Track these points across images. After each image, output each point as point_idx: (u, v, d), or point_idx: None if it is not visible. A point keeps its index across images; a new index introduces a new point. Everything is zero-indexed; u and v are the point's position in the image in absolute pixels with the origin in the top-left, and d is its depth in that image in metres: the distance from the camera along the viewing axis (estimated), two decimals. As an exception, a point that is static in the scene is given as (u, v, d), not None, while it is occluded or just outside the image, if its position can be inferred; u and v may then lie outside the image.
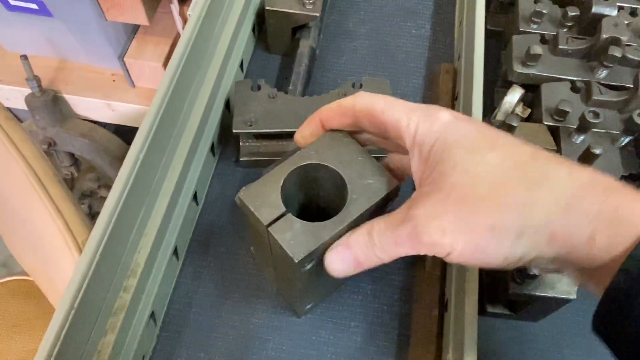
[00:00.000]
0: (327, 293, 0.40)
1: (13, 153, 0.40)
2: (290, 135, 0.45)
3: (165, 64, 1.00)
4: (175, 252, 0.41)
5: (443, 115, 0.28)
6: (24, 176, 0.39)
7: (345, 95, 0.44)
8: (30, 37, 1.03)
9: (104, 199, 1.18)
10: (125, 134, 1.15)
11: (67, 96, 1.05)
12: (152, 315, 0.38)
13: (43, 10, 0.94)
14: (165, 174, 0.39)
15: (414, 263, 0.42)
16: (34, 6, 0.93)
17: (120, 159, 1.07)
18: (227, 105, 0.49)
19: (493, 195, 0.24)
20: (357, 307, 0.41)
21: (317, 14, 0.50)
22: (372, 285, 0.42)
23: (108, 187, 1.15)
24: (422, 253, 0.27)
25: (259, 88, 0.45)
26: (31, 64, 0.96)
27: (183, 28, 0.96)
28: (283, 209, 0.30)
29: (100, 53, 1.02)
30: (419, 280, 0.41)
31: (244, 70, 0.53)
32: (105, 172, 1.13)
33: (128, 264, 0.35)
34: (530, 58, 0.45)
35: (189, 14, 0.42)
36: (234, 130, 0.43)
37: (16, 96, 1.05)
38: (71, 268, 0.39)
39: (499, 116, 0.43)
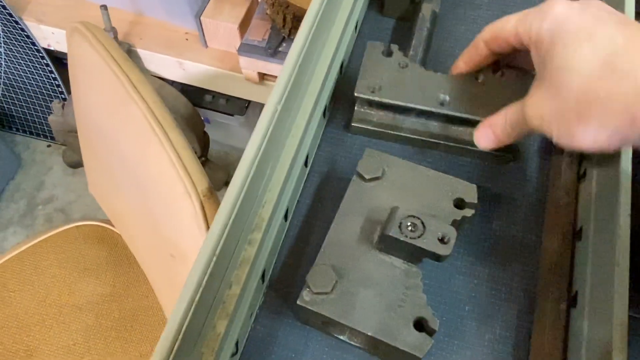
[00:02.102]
0: None
1: (132, 94, 0.39)
2: (412, 111, 0.43)
3: (240, 26, 0.98)
4: (286, 213, 0.40)
5: (555, 10, 0.31)
6: (143, 119, 0.38)
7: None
8: (110, -12, 1.03)
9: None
10: (191, 94, 1.15)
11: (140, 50, 1.05)
12: (263, 273, 0.37)
13: (127, -39, 0.93)
14: (290, 130, 0.38)
15: (537, 253, 0.40)
16: (119, -44, 0.93)
17: (185, 118, 1.06)
18: (341, 68, 0.47)
19: (581, 88, 0.29)
20: (471, 291, 0.39)
21: (445, -23, 0.46)
22: (489, 269, 0.39)
23: (170, 145, 1.16)
24: (533, 134, 0.35)
25: (390, 54, 0.42)
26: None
27: (262, -10, 0.93)
28: None
29: (178, 10, 1.01)
30: (543, 270, 0.38)
31: (357, 31, 0.50)
32: (169, 131, 1.14)
33: (254, 217, 0.34)
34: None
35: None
36: (355, 94, 0.41)
37: (92, 46, 1.06)
38: (189, 217, 0.38)
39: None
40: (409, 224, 0.32)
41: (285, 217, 0.41)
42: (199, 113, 1.11)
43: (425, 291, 0.38)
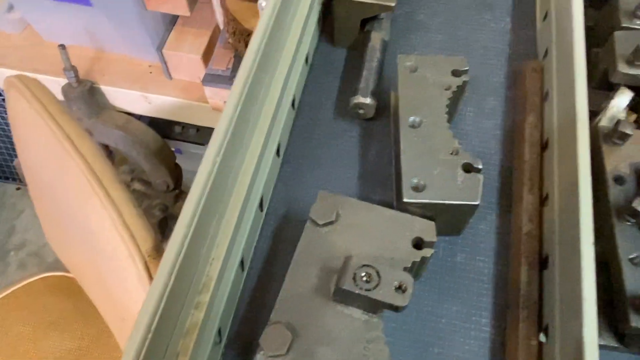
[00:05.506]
0: None
1: (70, 151, 0.37)
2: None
3: (204, 56, 0.97)
4: (242, 263, 0.38)
5: None
6: (82, 176, 0.36)
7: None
8: (69, 26, 1.01)
9: (136, 191, 1.16)
10: (160, 126, 1.12)
11: (103, 87, 1.03)
12: (219, 332, 0.35)
13: (82, -1, 0.92)
14: (237, 178, 0.36)
15: (505, 285, 0.38)
16: (74, -6, 0.91)
17: (154, 151, 1.04)
18: (293, 103, 0.45)
19: None
20: (440, 332, 0.37)
21: (393, 4, 0.45)
22: (457, 306, 0.38)
23: (141, 180, 1.14)
24: None
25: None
26: (68, 53, 0.94)
27: (223, 20, 0.92)
28: None
29: (139, 44, 0.99)
30: (512, 304, 0.37)
31: (309, 64, 0.49)
32: (139, 165, 1.11)
33: (200, 278, 0.32)
34: (638, 57, 0.40)
35: (261, 4, 0.39)
36: None
37: (53, 86, 1.03)
38: (133, 278, 0.36)
39: (605, 121, 0.39)
40: (363, 274, 0.30)
41: (242, 266, 0.38)
42: (169, 145, 1.09)
43: (390, 335, 0.36)
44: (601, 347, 0.35)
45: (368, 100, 0.43)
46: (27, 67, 1.04)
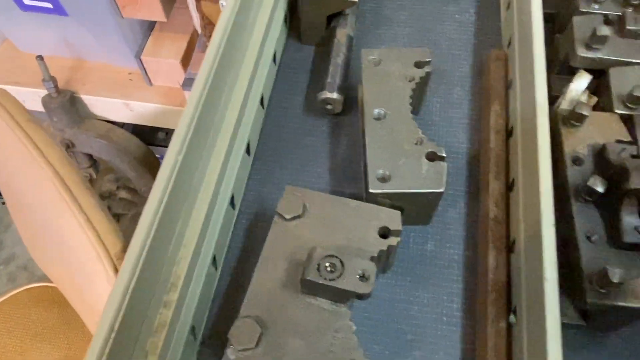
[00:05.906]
0: None
1: (38, 158, 0.37)
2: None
3: (182, 61, 0.97)
4: (214, 261, 0.38)
5: None
6: (50, 184, 0.36)
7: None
8: (46, 37, 1.00)
9: (123, 200, 1.15)
10: (143, 134, 1.12)
11: (84, 96, 1.03)
12: (192, 330, 0.35)
13: (58, 9, 0.92)
14: (202, 178, 0.36)
15: (475, 270, 0.39)
16: (49, 5, 0.91)
17: (139, 159, 1.04)
18: (262, 101, 0.46)
19: None
20: (412, 319, 0.37)
21: (356, 0, 0.46)
22: (429, 293, 0.38)
23: (127, 188, 1.13)
24: None
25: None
26: (47, 64, 0.93)
27: (200, 23, 0.93)
28: None
29: (117, 51, 0.99)
30: (481, 288, 0.37)
31: (277, 63, 0.49)
32: (124, 173, 1.11)
33: (167, 277, 0.32)
34: (596, 40, 0.40)
35: (222, 3, 0.39)
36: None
37: (32, 98, 1.03)
38: (103, 282, 0.36)
39: (564, 105, 0.39)
40: (327, 264, 0.31)
41: (214, 264, 0.39)
42: (154, 152, 1.09)
43: (363, 324, 0.36)
44: (566, 325, 0.36)
45: (335, 95, 0.44)
46: (6, 80, 1.03)
